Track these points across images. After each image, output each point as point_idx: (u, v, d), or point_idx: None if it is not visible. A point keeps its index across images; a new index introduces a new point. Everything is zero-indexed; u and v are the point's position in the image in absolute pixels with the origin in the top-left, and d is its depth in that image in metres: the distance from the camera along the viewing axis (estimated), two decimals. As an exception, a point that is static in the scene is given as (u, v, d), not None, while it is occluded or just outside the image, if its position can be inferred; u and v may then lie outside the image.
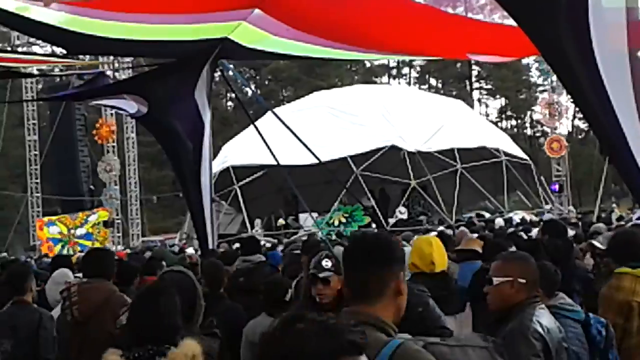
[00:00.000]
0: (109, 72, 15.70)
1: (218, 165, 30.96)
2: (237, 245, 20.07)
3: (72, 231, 35.01)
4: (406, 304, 4.73)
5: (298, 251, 9.79)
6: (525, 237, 12.40)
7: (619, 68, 5.84)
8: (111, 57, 19.44)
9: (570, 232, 13.57)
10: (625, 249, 6.15)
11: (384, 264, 3.24)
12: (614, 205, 36.07)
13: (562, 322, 5.18)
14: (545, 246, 8.24)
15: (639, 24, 6.18)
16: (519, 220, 26.39)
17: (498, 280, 4.77)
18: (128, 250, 26.80)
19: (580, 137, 74.51)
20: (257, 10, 9.57)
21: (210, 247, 13.12)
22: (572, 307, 5.55)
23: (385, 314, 3.17)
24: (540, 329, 4.47)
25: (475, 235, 13.01)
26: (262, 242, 17.75)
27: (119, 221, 39.67)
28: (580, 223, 18.57)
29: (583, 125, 72.37)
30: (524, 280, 4.71)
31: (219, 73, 14.50)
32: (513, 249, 7.83)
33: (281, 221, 32.36)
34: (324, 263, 5.85)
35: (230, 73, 17.76)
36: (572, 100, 6.23)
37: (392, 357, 2.92)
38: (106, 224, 35.75)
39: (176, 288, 4.85)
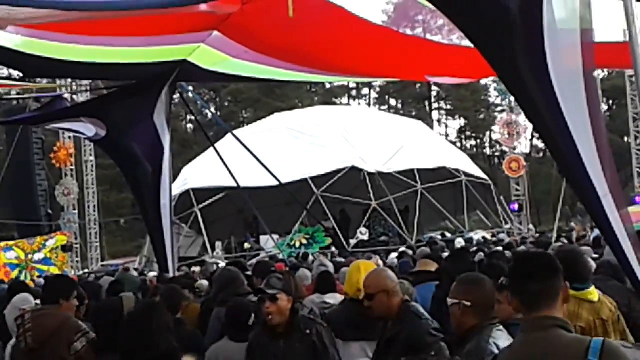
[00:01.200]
0: (66, 95, 15.55)
1: (178, 187, 30.81)
2: (197, 268, 19.96)
3: (30, 256, 34.46)
4: (416, 343, 5.29)
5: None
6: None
7: (574, 88, 5.90)
8: (69, 80, 19.31)
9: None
10: (568, 270, 6.06)
11: (555, 275, 3.72)
12: (572, 224, 36.39)
13: None
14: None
15: (593, 45, 6.27)
16: (480, 240, 26.56)
17: (450, 302, 4.82)
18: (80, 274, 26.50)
19: (538, 156, 75.18)
20: (216, 33, 9.57)
21: (171, 270, 13.03)
22: None
23: (560, 318, 3.59)
24: (496, 351, 4.47)
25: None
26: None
27: (77, 245, 39.22)
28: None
29: (541, 145, 73.09)
30: (468, 303, 4.71)
31: (178, 95, 14.46)
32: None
33: (247, 245, 32.22)
34: (272, 282, 5.89)
35: (190, 95, 17.72)
36: (528, 119, 6.23)
37: (602, 350, 3.32)
38: (64, 249, 35.26)
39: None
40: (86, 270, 35.40)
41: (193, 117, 63.44)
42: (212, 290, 8.42)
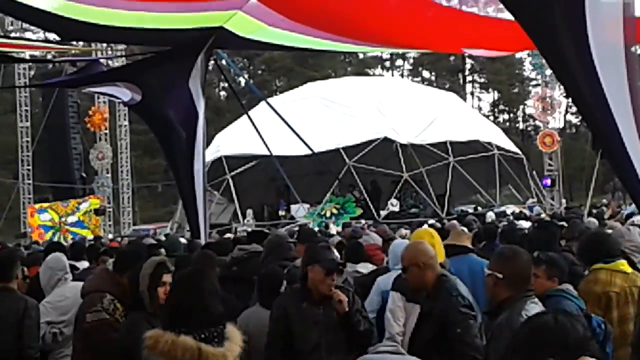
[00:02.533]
0: (102, 60, 15.63)
1: (210, 154, 30.90)
2: (229, 235, 20.07)
3: (64, 219, 34.93)
4: (447, 319, 5.49)
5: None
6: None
7: (614, 63, 5.85)
8: (105, 45, 19.39)
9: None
10: (595, 252, 6.27)
11: None
12: (604, 200, 36.08)
13: (568, 304, 5.60)
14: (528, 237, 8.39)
15: (635, 20, 6.20)
16: (510, 214, 26.45)
17: (487, 271, 4.87)
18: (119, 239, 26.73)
19: (572, 132, 74.56)
20: (253, 0, 9.55)
21: (202, 236, 13.11)
22: (577, 296, 5.89)
23: None
24: None
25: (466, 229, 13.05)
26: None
27: (110, 209, 39.50)
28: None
29: (575, 120, 72.49)
30: (500, 275, 4.77)
31: (212, 62, 14.46)
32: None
33: (281, 212, 32.30)
34: (334, 254, 6.11)
35: (224, 62, 17.72)
36: (566, 94, 6.18)
37: None
38: (97, 212, 35.64)
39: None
40: (117, 234, 35.66)
41: (226, 84, 63.40)
42: (262, 255, 8.51)
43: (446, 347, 5.54)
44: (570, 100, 41.26)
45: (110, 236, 33.06)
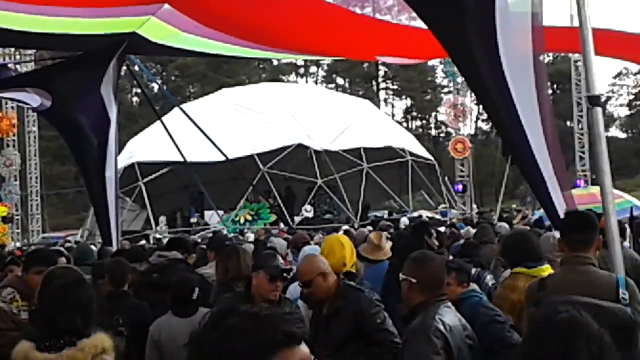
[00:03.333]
0: (10, 65, 15.28)
1: (123, 161, 30.46)
2: (142, 242, 19.84)
3: (-31, 227, 34.09)
4: (362, 313, 5.60)
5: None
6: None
7: (523, 71, 5.99)
8: (13, 49, 18.99)
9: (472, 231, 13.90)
10: (519, 251, 6.25)
11: (596, 229, 5.20)
12: (514, 206, 36.90)
13: (485, 301, 5.90)
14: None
15: (543, 29, 6.35)
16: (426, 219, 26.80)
17: (402, 276, 4.93)
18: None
19: (482, 138, 75.97)
20: (166, 6, 9.46)
21: (114, 244, 12.92)
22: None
23: (593, 259, 5.08)
24: (441, 327, 4.57)
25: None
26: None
27: (18, 217, 38.68)
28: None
29: (486, 126, 73.86)
30: (414, 280, 4.83)
31: (125, 67, 14.28)
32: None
33: (193, 220, 32.09)
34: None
35: (137, 68, 17.53)
36: (477, 101, 6.33)
37: (626, 283, 4.97)
38: (5, 220, 34.85)
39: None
40: (26, 242, 34.95)
41: (139, 90, 62.74)
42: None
43: (360, 344, 5.65)
44: (481, 107, 42.08)
45: (18, 244, 32.38)
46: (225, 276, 7.15)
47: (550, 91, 69.89)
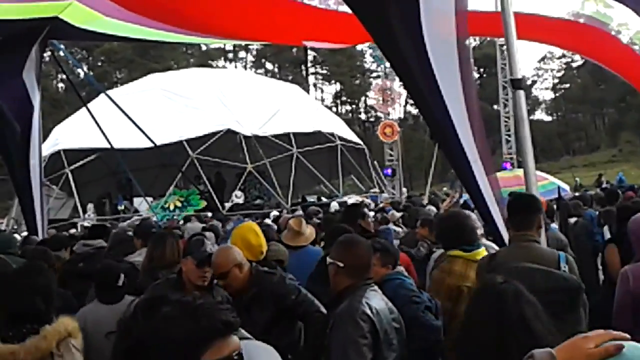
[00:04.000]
0: None
1: (48, 148, 29.98)
2: (72, 231, 19.55)
3: None
4: (279, 294, 5.63)
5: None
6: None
7: (447, 55, 6.03)
8: None
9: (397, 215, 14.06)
10: (455, 234, 6.21)
11: (537, 210, 5.69)
12: (445, 189, 37.33)
13: (408, 284, 5.98)
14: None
15: (467, 13, 6.40)
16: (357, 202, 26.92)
17: (329, 260, 4.93)
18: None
19: (411, 122, 76.63)
20: (88, -11, 9.32)
21: (40, 232, 12.73)
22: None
23: (537, 237, 5.60)
24: (368, 311, 4.59)
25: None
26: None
27: (-59, 206, 37.90)
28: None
29: (415, 111, 74.48)
30: (341, 264, 4.84)
31: (49, 53, 14.02)
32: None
33: (120, 207, 31.73)
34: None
35: (62, 54, 17.21)
36: (403, 85, 6.39)
37: (567, 259, 5.40)
38: None
39: None
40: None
41: (64, 76, 61.73)
42: (105, 250, 8.35)
43: (284, 324, 5.73)
44: (409, 91, 42.40)
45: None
46: (149, 263, 7.11)
47: (476, 75, 70.87)
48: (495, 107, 51.21)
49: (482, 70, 74.96)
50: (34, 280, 4.49)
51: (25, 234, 14.14)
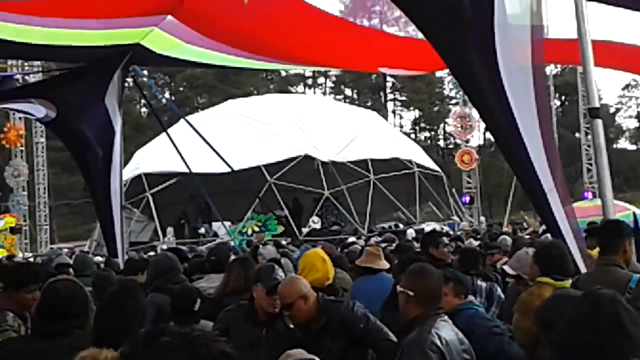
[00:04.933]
0: (17, 76, 15.33)
1: (130, 172, 30.60)
2: (151, 253, 19.84)
3: (-22, 238, 34.10)
4: (347, 322, 5.60)
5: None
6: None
7: (522, 84, 5.98)
8: (19, 61, 19.06)
9: (475, 243, 13.86)
10: (551, 263, 6.24)
11: (622, 235, 5.92)
12: (525, 217, 36.79)
13: (482, 313, 5.98)
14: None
15: (543, 42, 6.34)
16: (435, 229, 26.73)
17: (400, 289, 4.90)
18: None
19: (491, 149, 75.83)
20: (170, 17, 9.49)
21: (120, 255, 12.94)
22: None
23: (621, 262, 5.86)
24: (437, 341, 4.53)
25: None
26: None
27: (26, 227, 38.75)
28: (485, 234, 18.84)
29: (493, 138, 73.64)
30: (412, 293, 4.80)
31: (131, 78, 14.33)
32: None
33: (201, 230, 32.10)
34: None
35: (144, 79, 17.56)
36: (478, 114, 6.36)
37: (638, 281, 5.53)
38: (13, 231, 34.84)
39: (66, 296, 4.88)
40: (34, 253, 34.97)
41: (146, 101, 62.94)
42: (147, 276, 8.35)
43: (355, 355, 5.67)
44: (488, 118, 41.99)
45: (27, 255, 32.43)
46: (224, 289, 7.15)
47: (557, 103, 69.89)
48: (576, 135, 50.39)
49: (563, 97, 73.95)
50: (127, 301, 4.57)
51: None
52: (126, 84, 14.68)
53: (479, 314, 5.87)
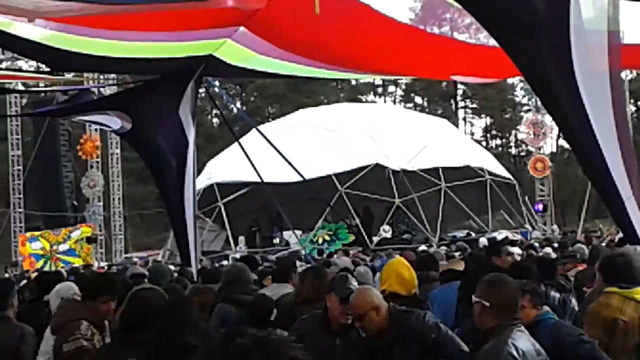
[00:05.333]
0: (93, 89, 15.63)
1: (202, 181, 30.94)
2: (224, 262, 20.02)
3: (55, 247, 34.71)
4: (419, 333, 5.58)
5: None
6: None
7: (599, 90, 5.89)
8: (96, 74, 19.41)
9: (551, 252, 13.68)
10: (616, 271, 6.17)
11: None
12: (600, 225, 36.18)
13: (563, 322, 5.96)
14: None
15: (621, 47, 6.24)
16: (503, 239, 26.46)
17: (475, 299, 4.85)
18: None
19: (564, 157, 74.75)
20: (242, 29, 9.58)
21: (193, 264, 13.07)
22: None
23: None
24: (514, 352, 4.49)
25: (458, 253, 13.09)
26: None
27: (101, 237, 39.45)
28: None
29: (567, 145, 72.58)
30: (487, 304, 4.75)
31: (204, 89, 14.50)
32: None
33: (276, 240, 32.29)
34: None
35: (216, 90, 17.76)
36: (552, 119, 6.29)
37: None
38: (89, 240, 35.47)
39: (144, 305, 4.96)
40: (109, 262, 35.56)
41: (218, 112, 63.66)
42: (219, 285, 8.42)
43: None
44: (561, 125, 41.44)
45: (103, 264, 32.99)
46: (295, 299, 7.18)
47: (633, 108, 68.57)
48: (653, 141, 49.42)
49: (639, 103, 72.58)
50: (183, 314, 4.60)
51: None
52: (198, 95, 14.85)
53: (562, 323, 5.81)
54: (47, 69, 14.47)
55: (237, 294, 7.68)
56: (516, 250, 11.44)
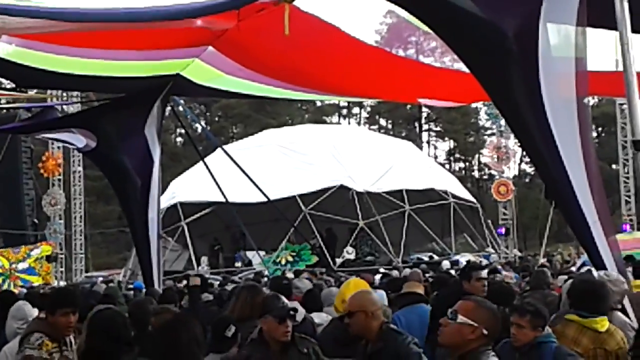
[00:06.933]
0: (57, 106, 15.49)
1: (166, 201, 30.71)
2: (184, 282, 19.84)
3: (14, 265, 34.25)
4: (400, 355, 5.56)
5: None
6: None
7: (566, 115, 5.95)
8: (60, 91, 19.26)
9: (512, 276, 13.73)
10: (581, 299, 6.08)
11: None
12: (560, 250, 36.46)
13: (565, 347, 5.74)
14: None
15: (587, 74, 6.30)
16: (465, 263, 26.54)
17: (463, 319, 4.69)
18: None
19: (526, 181, 75.38)
20: (210, 48, 9.57)
21: (156, 284, 12.98)
22: None
23: None
24: None
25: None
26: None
27: (62, 256, 39.01)
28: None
29: (529, 169, 73.23)
30: (486, 332, 4.67)
31: (169, 108, 14.44)
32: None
33: (238, 264, 32.10)
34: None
35: (181, 109, 17.69)
36: (519, 144, 6.33)
37: None
38: (49, 259, 35.00)
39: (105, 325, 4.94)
40: (69, 282, 35.18)
41: (183, 131, 63.38)
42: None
43: None
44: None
45: (62, 283, 32.61)
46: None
47: (594, 134, 69.39)
48: (614, 166, 49.86)
49: (600, 129, 73.41)
50: (180, 333, 4.60)
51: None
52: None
53: (564, 348, 5.71)
54: (10, 85, 14.33)
55: None
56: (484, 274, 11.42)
